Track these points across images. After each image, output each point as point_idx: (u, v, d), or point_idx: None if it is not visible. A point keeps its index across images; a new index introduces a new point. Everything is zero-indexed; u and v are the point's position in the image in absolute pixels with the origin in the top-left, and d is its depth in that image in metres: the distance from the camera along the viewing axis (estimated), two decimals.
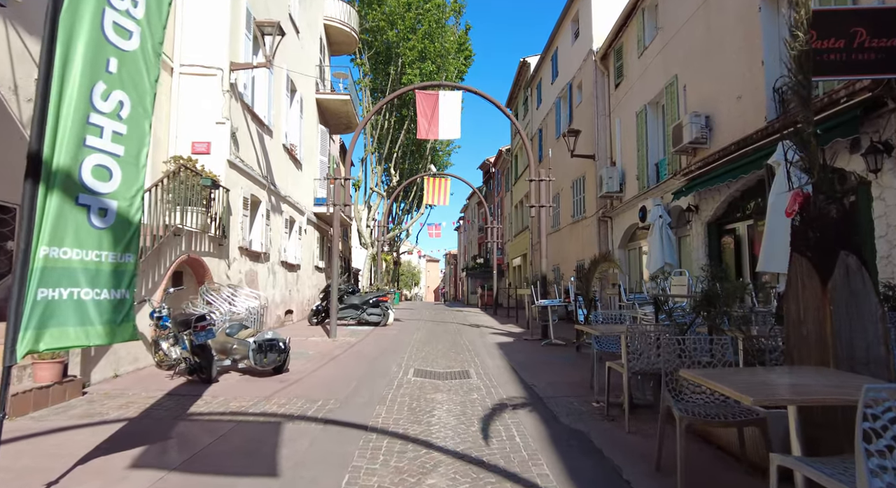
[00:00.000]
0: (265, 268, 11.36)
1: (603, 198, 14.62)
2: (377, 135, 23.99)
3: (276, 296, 12.25)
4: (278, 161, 12.45)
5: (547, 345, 9.23)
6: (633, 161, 13.05)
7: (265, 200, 11.25)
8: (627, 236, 14.10)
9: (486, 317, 18.09)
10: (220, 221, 8.76)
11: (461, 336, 11.20)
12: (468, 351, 8.70)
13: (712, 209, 9.24)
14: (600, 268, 7.15)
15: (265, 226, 11.18)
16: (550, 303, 9.49)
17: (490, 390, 5.54)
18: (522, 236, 27.25)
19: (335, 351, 8.45)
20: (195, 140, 9.01)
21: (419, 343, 9.82)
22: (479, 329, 12.98)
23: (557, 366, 7.03)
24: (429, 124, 10.89)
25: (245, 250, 10.04)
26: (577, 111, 17.50)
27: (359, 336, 10.86)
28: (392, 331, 12.09)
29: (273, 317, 11.98)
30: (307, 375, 6.29)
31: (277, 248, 12.36)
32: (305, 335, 10.73)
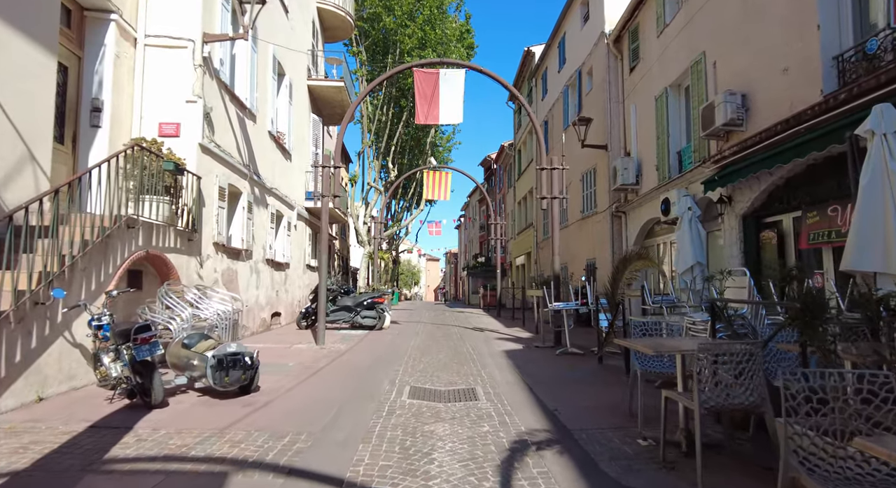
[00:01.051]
0: (247, 267, 10.28)
1: (617, 191, 13.53)
2: (374, 128, 22.89)
3: (261, 297, 11.16)
4: (263, 149, 11.36)
5: (562, 353, 8.14)
6: (652, 150, 11.95)
7: (247, 191, 10.15)
8: (644, 232, 13.01)
9: (489, 318, 17.00)
10: (191, 213, 7.68)
11: (464, 342, 10.11)
12: (473, 361, 7.61)
13: (749, 200, 8.14)
14: (632, 267, 6.04)
15: (246, 220, 10.10)
16: (566, 306, 8.40)
17: (504, 418, 4.45)
18: (526, 234, 26.16)
19: (320, 361, 7.36)
20: (163, 121, 7.92)
21: (417, 351, 8.73)
22: (484, 333, 11.89)
23: (581, 384, 5.94)
24: (428, 107, 9.80)
25: (222, 246, 8.95)
26: (588, 99, 16.41)
27: (350, 342, 9.77)
28: (388, 336, 11.00)
29: (257, 320, 10.90)
30: (280, 396, 5.20)
31: (262, 245, 11.27)
32: (290, 341, 9.64)
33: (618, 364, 7.14)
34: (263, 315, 11.37)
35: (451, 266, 72.40)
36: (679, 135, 11.12)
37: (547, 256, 21.35)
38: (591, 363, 7.34)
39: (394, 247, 33.69)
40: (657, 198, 11.44)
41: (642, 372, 4.06)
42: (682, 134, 11.07)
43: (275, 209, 12.08)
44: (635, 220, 13.17)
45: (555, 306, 8.34)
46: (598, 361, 7.29)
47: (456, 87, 9.77)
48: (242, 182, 9.95)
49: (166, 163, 6.55)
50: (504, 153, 33.01)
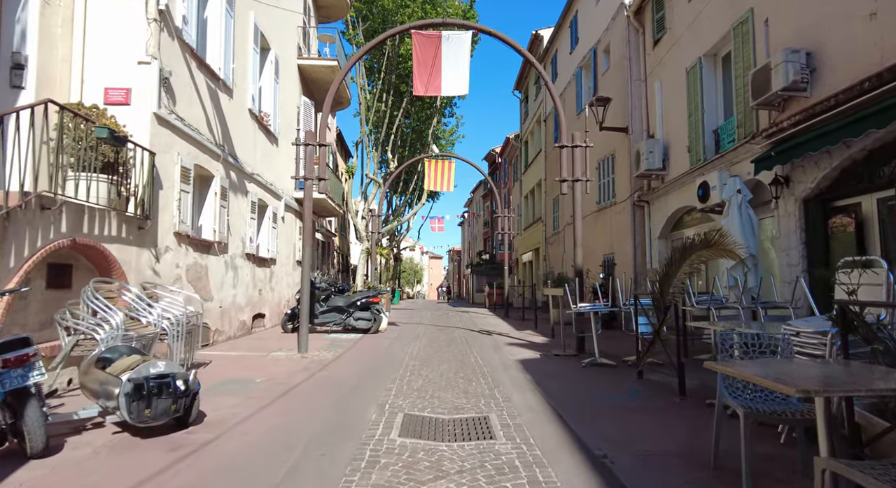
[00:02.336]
0: (220, 262, 8.94)
1: (640, 177, 12.15)
2: (372, 117, 21.51)
3: (239, 297, 9.83)
4: (242, 129, 10.02)
5: (590, 365, 6.78)
6: (682, 129, 10.56)
7: (220, 175, 8.82)
8: (671, 223, 11.63)
9: (496, 320, 15.64)
10: (142, 196, 6.35)
11: (470, 348, 8.76)
12: (483, 375, 6.26)
13: (814, 180, 6.76)
14: (694, 258, 4.60)
15: (219, 208, 8.76)
16: (593, 308, 7.03)
17: (534, 472, 3.09)
18: (534, 229, 24.78)
19: (297, 375, 6.02)
20: (109, 85, 6.59)
21: (416, 361, 7.39)
22: (492, 337, 10.54)
23: (626, 411, 4.58)
24: (428, 77, 8.43)
25: (186, 237, 7.62)
26: (604, 79, 15.01)
27: (339, 349, 8.43)
28: (384, 341, 9.66)
29: (234, 323, 9.57)
30: (227, 431, 3.86)
31: (240, 237, 9.94)
32: (270, 347, 8.31)
33: (663, 379, 5.78)
34: (243, 317, 10.05)
35: (454, 264, 71.06)
36: (715, 112, 9.73)
37: (557, 252, 19.97)
38: (629, 378, 5.97)
39: (395, 243, 32.34)
40: (690, 184, 10.05)
41: (745, 412, 2.68)
42: (720, 109, 9.68)
43: (257, 197, 10.75)
44: (661, 210, 11.79)
45: (581, 308, 6.97)
46: (638, 376, 5.93)
47: (460, 52, 8.40)
48: (214, 164, 8.62)
49: (99, 129, 5.21)
50: (510, 146, 31.63)
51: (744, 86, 8.23)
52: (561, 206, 19.36)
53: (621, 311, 7.10)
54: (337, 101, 16.88)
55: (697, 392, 5.06)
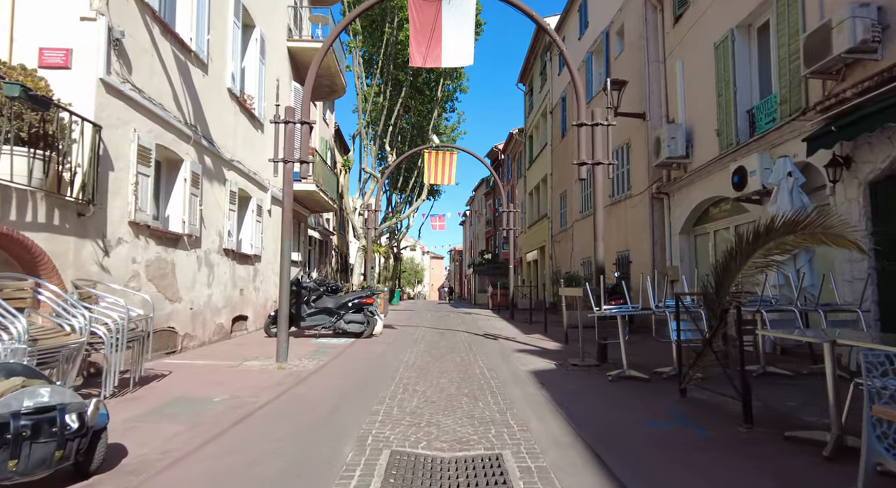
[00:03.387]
0: (191, 258, 7.89)
1: (660, 167, 11.07)
2: (369, 107, 20.46)
3: (216, 297, 8.78)
4: (219, 110, 8.97)
5: (619, 378, 5.71)
6: (709, 112, 9.49)
7: (191, 159, 7.77)
8: (695, 217, 10.56)
9: (502, 322, 14.57)
10: (84, 177, 5.30)
11: (475, 356, 7.70)
12: (491, 392, 5.20)
13: (886, 159, 5.69)
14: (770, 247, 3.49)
15: (190, 197, 7.71)
16: (621, 310, 5.95)
17: None
18: (539, 226, 23.71)
19: (265, 393, 4.96)
20: (45, 46, 5.54)
21: (412, 372, 6.32)
22: (498, 342, 9.47)
23: (687, 450, 3.50)
24: (427, 46, 7.37)
25: (146, 228, 6.57)
26: (617, 64, 13.95)
27: (324, 357, 7.38)
28: (377, 347, 8.60)
29: (210, 327, 8.52)
30: (145, 482, 2.80)
31: (217, 231, 8.88)
32: (244, 356, 7.25)
33: (711, 399, 4.71)
34: (220, 319, 8.99)
35: (455, 264, 70.00)
36: (750, 89, 8.66)
37: (565, 250, 18.89)
38: (669, 396, 4.90)
39: (394, 241, 31.29)
40: (720, 171, 9.00)
41: None
42: (755, 87, 8.61)
43: (237, 187, 9.69)
44: (683, 203, 10.72)
45: (607, 311, 5.89)
46: (680, 394, 4.85)
47: (464, 18, 7.33)
48: (183, 145, 7.57)
49: (8, 85, 4.15)
50: (513, 141, 30.55)
51: (789, 55, 7.17)
52: (569, 202, 18.29)
53: (654, 314, 6.00)
54: (331, 88, 15.85)
55: (765, 418, 3.99)
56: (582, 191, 16.60)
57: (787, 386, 5.24)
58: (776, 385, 5.11)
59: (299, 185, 13.03)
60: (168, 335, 7.15)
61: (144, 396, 4.69)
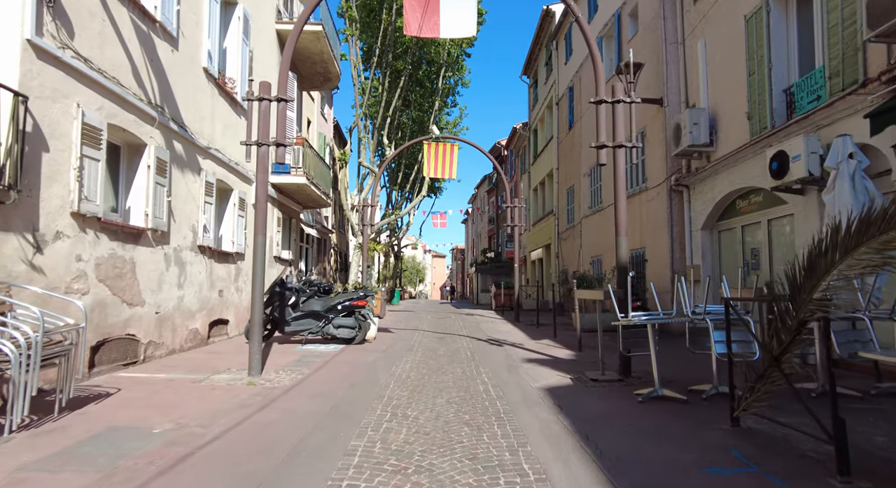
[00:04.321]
0: (157, 256, 6.97)
1: (680, 156, 10.12)
2: (366, 97, 19.52)
3: (189, 299, 7.87)
4: (192, 91, 8.05)
5: (650, 399, 4.77)
6: (738, 94, 8.54)
7: (156, 144, 6.85)
8: (719, 211, 9.61)
9: (506, 325, 13.62)
10: (4, 157, 4.38)
11: (479, 368, 6.78)
12: (498, 418, 4.27)
13: None
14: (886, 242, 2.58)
15: (155, 187, 6.79)
16: (652, 317, 5.00)
17: None
18: (544, 223, 22.77)
19: (219, 421, 4.04)
20: None
21: (404, 389, 5.40)
22: (504, 350, 8.54)
23: None
24: (423, 13, 6.44)
25: (96, 221, 5.65)
26: (630, 47, 12.95)
27: (304, 369, 6.45)
28: (367, 356, 7.68)
29: (181, 333, 7.61)
30: None
31: (190, 226, 7.97)
32: (215, 367, 6.34)
33: (772, 431, 3.78)
34: (194, 324, 8.08)
35: (457, 262, 69.09)
36: (787, 65, 7.70)
37: (572, 248, 17.94)
38: (718, 426, 3.96)
39: (394, 238, 30.37)
40: (751, 159, 8.06)
41: None
42: (793, 61, 7.65)
43: (214, 178, 8.77)
44: (705, 195, 9.76)
45: (636, 318, 4.93)
46: (732, 422, 3.91)
47: None
48: (146, 128, 6.65)
49: None
50: (517, 136, 29.59)
51: (841, 21, 6.22)
52: (577, 197, 17.34)
53: (688, 322, 5.05)
54: (324, 76, 14.94)
55: (859, 463, 3.04)
56: (591, 185, 15.65)
57: (862, 411, 4.30)
58: (847, 410, 4.18)
59: (289, 178, 12.15)
60: (126, 344, 6.24)
61: (67, 427, 3.77)
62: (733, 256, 9.42)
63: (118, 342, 6.05)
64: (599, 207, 14.84)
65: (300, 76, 14.33)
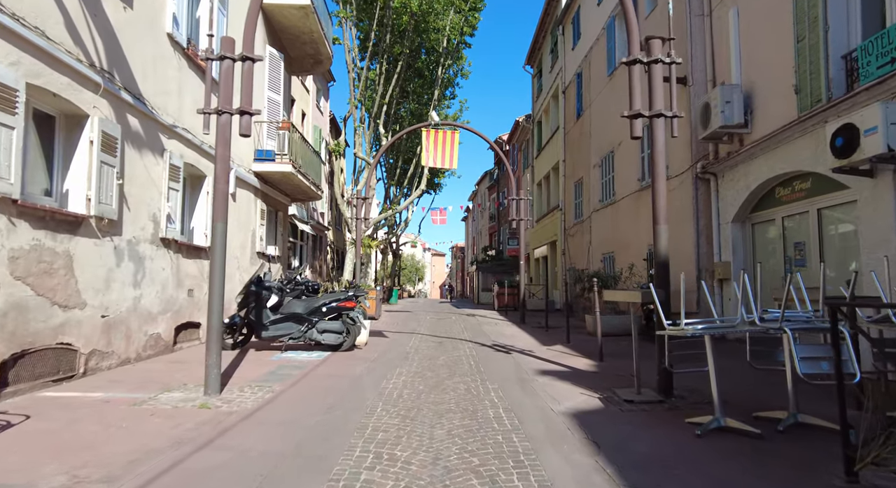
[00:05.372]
0: (105, 249, 5.87)
1: (708, 140, 9.03)
2: (361, 85, 18.41)
3: (148, 300, 6.77)
4: (153, 60, 6.94)
5: (712, 432, 3.68)
6: (782, 64, 7.44)
7: (100, 115, 5.74)
8: (754, 200, 8.52)
9: (512, 327, 12.53)
10: None
11: (486, 384, 5.68)
12: (516, 464, 3.19)
13: None
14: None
15: (99, 166, 5.68)
16: (709, 327, 3.88)
17: None
18: (549, 220, 21.67)
19: (133, 472, 2.94)
20: None
21: (393, 417, 4.31)
22: (513, 358, 7.45)
23: None
24: None
25: (11, 204, 4.55)
26: (648, 24, 11.87)
27: (276, 385, 5.35)
28: (354, 367, 6.58)
29: (137, 340, 6.52)
30: None
31: (151, 215, 6.87)
32: (166, 383, 5.25)
33: None
34: (155, 329, 6.98)
35: (457, 261, 68.01)
36: (847, 27, 6.59)
37: (580, 244, 16.85)
38: (830, 484, 2.87)
39: (393, 235, 29.26)
40: (798, 139, 6.98)
41: None
42: (854, 22, 6.54)
43: (182, 161, 7.67)
44: (738, 183, 8.67)
45: (688, 327, 3.82)
46: (848, 477, 2.82)
47: None
48: (87, 95, 5.54)
49: None
50: (519, 129, 28.49)
51: None
52: (585, 190, 16.25)
53: (763, 331, 3.94)
54: (315, 58, 13.82)
55: None
56: (602, 177, 14.55)
57: None
58: None
59: (273, 166, 11.06)
60: (58, 355, 5.14)
61: None
62: (770, 252, 8.34)
63: (45, 353, 4.96)
64: (612, 200, 13.74)
65: (288, 58, 13.23)
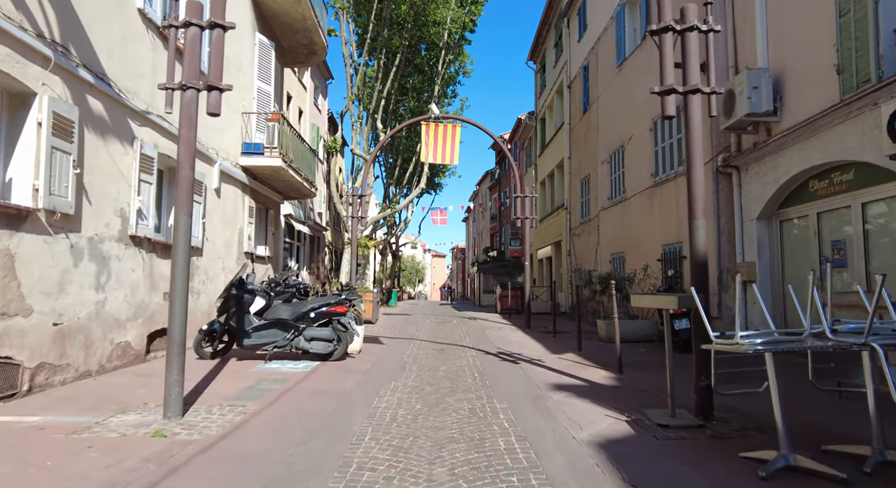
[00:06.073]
0: (58, 247, 5.15)
1: (732, 130, 8.30)
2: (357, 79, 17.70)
3: (113, 305, 6.05)
4: (120, 36, 6.23)
5: (780, 472, 2.94)
6: (820, 43, 6.72)
7: (51, 94, 5.03)
8: (782, 195, 7.80)
9: (517, 332, 11.80)
10: None
11: (494, 403, 4.96)
12: None
13: None
14: None
15: (49, 153, 4.97)
16: (775, 342, 3.12)
17: None
18: (554, 219, 20.95)
19: None
20: None
21: (384, 447, 3.59)
22: (521, 369, 6.72)
23: None
24: None
25: None
26: None
27: (252, 404, 4.62)
28: (345, 380, 5.85)
29: (100, 350, 5.80)
30: None
31: (116, 210, 6.15)
32: (123, 403, 4.52)
33: None
34: (124, 337, 6.26)
35: (458, 262, 67.28)
36: None
37: (587, 244, 16.12)
38: None
39: (392, 235, 28.54)
40: (840, 125, 6.26)
41: None
42: None
43: (156, 152, 6.95)
44: (764, 177, 7.95)
45: (747, 344, 3.07)
46: None
47: None
48: (33, 69, 4.83)
49: None
50: (521, 127, 27.77)
51: None
52: (593, 188, 15.52)
53: (836, 346, 3.21)
54: (308, 48, 13.13)
55: None
56: (612, 173, 13.83)
57: None
58: None
59: (262, 159, 10.35)
60: (3, 369, 4.42)
61: None
62: (802, 252, 7.61)
63: None
64: (622, 197, 13.01)
65: (280, 48, 12.53)
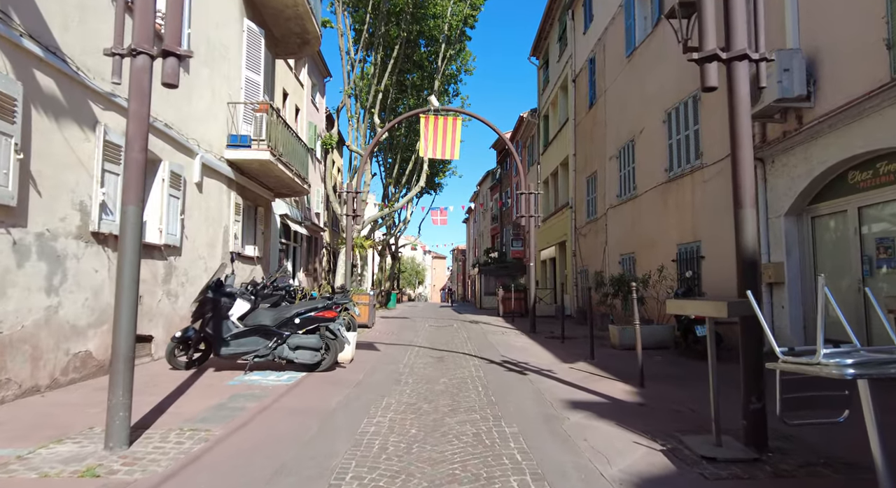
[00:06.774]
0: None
1: (760, 117, 7.60)
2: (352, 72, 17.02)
3: (70, 310, 5.35)
4: (76, 7, 5.54)
5: None
6: (861, 17, 6.03)
7: None
8: (815, 189, 7.11)
9: (522, 338, 11.09)
10: None
11: (500, 427, 4.27)
12: None
13: None
14: None
15: None
16: (870, 361, 2.47)
17: None
18: (558, 219, 20.25)
19: None
20: None
21: (373, 483, 2.86)
22: (530, 382, 6.01)
23: None
24: None
25: None
26: None
27: (213, 430, 3.92)
28: (330, 396, 5.15)
29: (54, 362, 5.11)
30: None
31: (75, 203, 5.46)
32: (65, 427, 3.82)
33: None
34: (83, 346, 5.56)
35: (458, 263, 66.55)
36: None
37: (594, 244, 15.41)
38: None
39: (391, 236, 27.83)
40: (888, 108, 5.57)
41: None
42: None
43: (122, 139, 6.24)
44: (794, 169, 7.26)
45: (834, 365, 2.36)
46: None
47: None
48: None
49: None
50: (523, 125, 27.08)
51: None
52: (600, 185, 14.82)
53: None
54: (301, 38, 12.45)
55: None
56: (621, 169, 13.13)
57: None
58: None
59: (249, 153, 9.66)
60: None
61: None
62: (838, 251, 6.91)
63: None
64: (633, 195, 12.31)
65: (272, 36, 11.86)
